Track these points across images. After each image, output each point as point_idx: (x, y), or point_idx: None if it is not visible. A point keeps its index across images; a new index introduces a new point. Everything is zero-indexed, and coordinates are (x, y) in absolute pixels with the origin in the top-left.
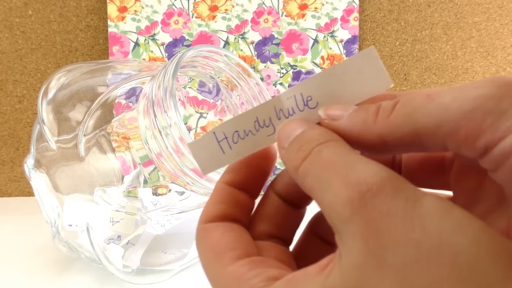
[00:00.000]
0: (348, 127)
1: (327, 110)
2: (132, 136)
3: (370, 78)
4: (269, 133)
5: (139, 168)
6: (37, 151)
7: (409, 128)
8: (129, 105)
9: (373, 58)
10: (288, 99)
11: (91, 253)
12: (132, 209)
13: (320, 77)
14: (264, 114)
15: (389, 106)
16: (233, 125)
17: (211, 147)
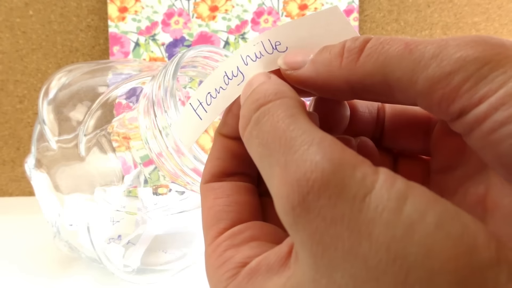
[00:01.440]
0: (311, 75)
1: (286, 57)
2: (132, 136)
3: (338, 31)
4: (239, 82)
5: (139, 168)
6: (37, 151)
7: (380, 78)
8: (130, 105)
9: (340, 14)
10: (255, 45)
11: (91, 253)
12: (132, 208)
13: (288, 25)
14: (232, 66)
15: (355, 47)
16: (205, 88)
17: (190, 119)
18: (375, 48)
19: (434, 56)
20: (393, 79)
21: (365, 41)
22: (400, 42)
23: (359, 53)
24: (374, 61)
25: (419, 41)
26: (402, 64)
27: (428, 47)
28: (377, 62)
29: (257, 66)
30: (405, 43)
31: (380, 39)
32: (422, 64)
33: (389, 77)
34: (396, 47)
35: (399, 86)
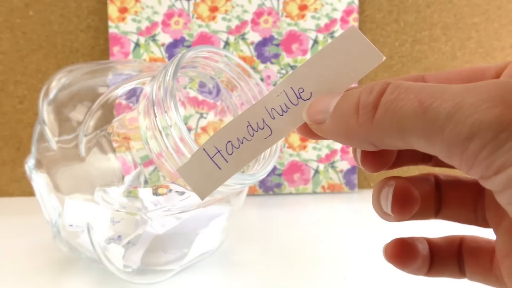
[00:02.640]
0: (333, 131)
1: (309, 111)
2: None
3: (360, 56)
4: (266, 135)
5: (139, 168)
6: (38, 151)
7: (398, 136)
8: (130, 106)
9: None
10: (278, 96)
11: (91, 253)
12: (132, 209)
13: (307, 66)
14: (256, 117)
15: (369, 103)
16: (224, 136)
17: (204, 166)
18: (389, 105)
19: (449, 117)
20: (411, 139)
21: (379, 94)
22: (415, 98)
23: (374, 110)
24: (390, 120)
25: (434, 96)
26: (417, 125)
27: (443, 106)
28: (393, 121)
29: (286, 122)
30: (419, 101)
31: (395, 92)
32: (438, 125)
33: (406, 137)
34: (411, 104)
35: (418, 145)
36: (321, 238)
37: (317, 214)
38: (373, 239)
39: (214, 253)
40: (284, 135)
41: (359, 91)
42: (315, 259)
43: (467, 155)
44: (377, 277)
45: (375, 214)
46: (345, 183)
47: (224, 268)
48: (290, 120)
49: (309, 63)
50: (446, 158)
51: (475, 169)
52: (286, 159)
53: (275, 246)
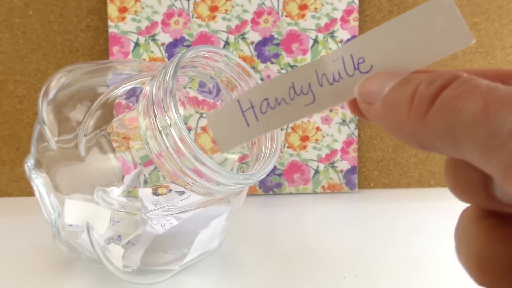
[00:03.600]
0: (382, 118)
1: (362, 87)
2: (132, 136)
3: (444, 33)
4: (308, 102)
5: (139, 168)
6: (37, 151)
7: (449, 142)
8: (130, 105)
9: (448, 6)
10: (334, 61)
11: (91, 253)
12: (132, 209)
13: (377, 33)
14: (303, 79)
15: (427, 95)
16: (263, 92)
17: (233, 119)
18: (448, 102)
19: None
20: (463, 148)
21: (441, 86)
22: (480, 100)
23: (430, 104)
24: (444, 120)
25: (504, 102)
26: (475, 133)
27: (510, 117)
28: (447, 122)
29: (333, 93)
30: (485, 104)
31: (460, 88)
32: (498, 139)
33: (459, 144)
34: (472, 106)
35: (471, 158)
36: (321, 238)
37: (317, 214)
38: (373, 239)
39: (214, 253)
40: (327, 107)
41: (421, 78)
42: (315, 259)
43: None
44: (377, 277)
45: (375, 214)
46: (345, 183)
47: (224, 268)
48: (339, 91)
49: (380, 29)
50: (501, 181)
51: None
52: (286, 159)
53: (275, 246)
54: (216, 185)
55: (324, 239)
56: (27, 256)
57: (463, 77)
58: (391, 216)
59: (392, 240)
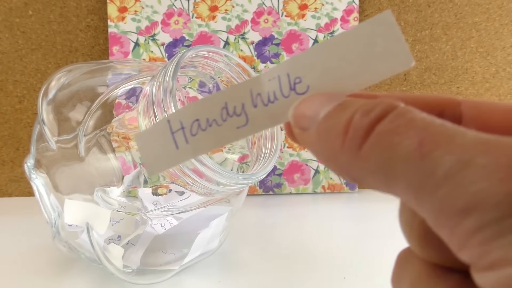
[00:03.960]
0: (315, 147)
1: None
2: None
3: (384, 53)
4: (240, 124)
5: (139, 168)
6: (37, 151)
7: (383, 177)
8: (129, 105)
9: (389, 25)
10: (270, 80)
11: (91, 253)
12: (132, 209)
13: (316, 51)
14: (236, 99)
15: (362, 126)
16: (194, 112)
17: (162, 139)
18: (382, 137)
19: (448, 175)
20: (397, 187)
21: (377, 118)
22: (415, 137)
23: (364, 137)
24: (377, 157)
25: (439, 142)
26: (409, 172)
27: (445, 158)
28: (381, 159)
29: (267, 115)
30: (419, 142)
31: (394, 122)
32: (432, 181)
33: (393, 183)
34: (407, 144)
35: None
36: (321, 238)
37: (317, 214)
38: (373, 239)
39: (214, 253)
40: (260, 130)
41: (357, 106)
42: (315, 259)
43: (459, 231)
44: (377, 277)
45: (375, 214)
46: (346, 183)
47: (224, 268)
48: (273, 114)
49: (316, 48)
50: (434, 226)
51: (465, 253)
52: (286, 159)
53: (275, 246)
54: (216, 185)
55: (324, 239)
56: (27, 256)
57: (399, 108)
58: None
59: (392, 240)
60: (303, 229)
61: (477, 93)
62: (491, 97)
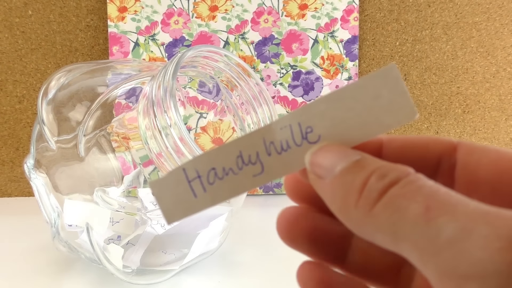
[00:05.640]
0: (330, 197)
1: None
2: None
3: (390, 106)
4: (256, 173)
5: (139, 168)
6: (37, 151)
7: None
8: (129, 105)
9: (394, 79)
10: (282, 129)
11: (91, 253)
12: (132, 209)
13: (324, 102)
14: (250, 148)
15: (377, 189)
16: (210, 161)
17: (179, 189)
18: (393, 200)
19: (452, 242)
20: (403, 247)
21: (391, 183)
22: (422, 202)
23: (378, 198)
24: (387, 217)
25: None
26: (415, 234)
27: (450, 225)
28: (391, 220)
29: (282, 163)
30: (426, 207)
31: (407, 186)
32: (436, 245)
33: (399, 242)
34: (415, 208)
35: (410, 257)
36: None
37: None
38: None
39: (214, 253)
40: (276, 178)
41: (374, 168)
42: None
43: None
44: None
45: None
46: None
47: (224, 268)
48: (288, 162)
49: (326, 99)
50: (436, 286)
51: None
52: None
53: (275, 246)
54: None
55: None
56: (26, 257)
57: (410, 176)
58: None
59: None
60: None
61: (477, 92)
62: (491, 97)
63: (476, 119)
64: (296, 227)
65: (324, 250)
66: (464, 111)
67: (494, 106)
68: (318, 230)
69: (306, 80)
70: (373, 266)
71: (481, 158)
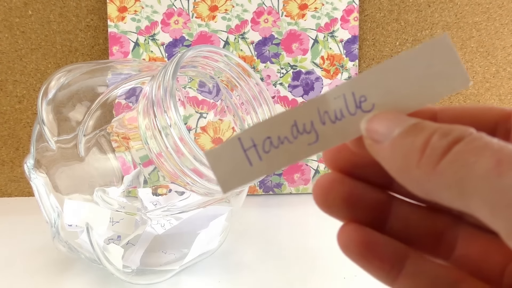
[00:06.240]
0: (388, 159)
1: (370, 123)
2: (132, 136)
3: (442, 74)
4: (311, 141)
5: (139, 168)
6: (37, 151)
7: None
8: (129, 105)
9: (446, 47)
10: (336, 99)
11: (91, 253)
12: (132, 209)
13: (378, 71)
14: (305, 117)
15: (440, 146)
16: (265, 130)
17: (235, 157)
18: (459, 156)
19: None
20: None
21: (455, 140)
22: (492, 156)
23: (442, 155)
24: (454, 173)
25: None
26: (485, 188)
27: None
28: (458, 175)
29: (337, 132)
30: (497, 160)
31: (472, 143)
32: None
33: (467, 199)
34: (485, 162)
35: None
36: (321, 238)
37: (317, 214)
38: None
39: (214, 253)
40: (331, 146)
41: (434, 128)
42: (315, 259)
43: None
44: None
45: None
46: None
47: (224, 268)
48: (342, 130)
49: (380, 68)
50: (506, 239)
51: None
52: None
53: (275, 246)
54: (216, 185)
55: (324, 239)
56: (26, 257)
57: (474, 134)
58: None
59: None
60: (303, 229)
61: (477, 92)
62: (491, 97)
63: None
64: (332, 192)
65: (362, 216)
66: None
67: None
68: (355, 196)
69: (306, 80)
70: (414, 233)
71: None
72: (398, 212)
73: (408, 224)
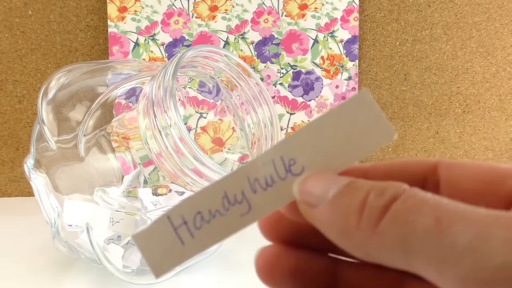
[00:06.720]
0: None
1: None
2: (132, 136)
3: (367, 130)
4: (243, 212)
5: (139, 168)
6: (37, 151)
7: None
8: (129, 105)
9: (367, 103)
10: (264, 164)
11: (91, 253)
12: (132, 209)
13: (305, 133)
14: (235, 187)
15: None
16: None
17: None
18: (398, 215)
19: (470, 249)
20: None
21: (391, 199)
22: (430, 214)
23: (381, 215)
24: (395, 233)
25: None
26: (429, 248)
27: (465, 233)
28: (399, 236)
29: (269, 199)
30: (436, 218)
31: (409, 200)
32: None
33: (411, 259)
34: (424, 220)
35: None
36: None
37: None
38: None
39: (214, 253)
40: (264, 215)
41: (368, 187)
42: None
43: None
44: None
45: None
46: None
47: (223, 268)
48: (274, 197)
49: (305, 130)
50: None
51: None
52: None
53: None
54: None
55: None
56: (26, 257)
57: (409, 190)
58: None
59: None
60: None
61: (477, 92)
62: (491, 97)
63: (476, 119)
64: (277, 268)
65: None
66: (464, 111)
67: (494, 106)
68: (302, 268)
69: (306, 80)
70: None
71: (462, 172)
72: (344, 277)
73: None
